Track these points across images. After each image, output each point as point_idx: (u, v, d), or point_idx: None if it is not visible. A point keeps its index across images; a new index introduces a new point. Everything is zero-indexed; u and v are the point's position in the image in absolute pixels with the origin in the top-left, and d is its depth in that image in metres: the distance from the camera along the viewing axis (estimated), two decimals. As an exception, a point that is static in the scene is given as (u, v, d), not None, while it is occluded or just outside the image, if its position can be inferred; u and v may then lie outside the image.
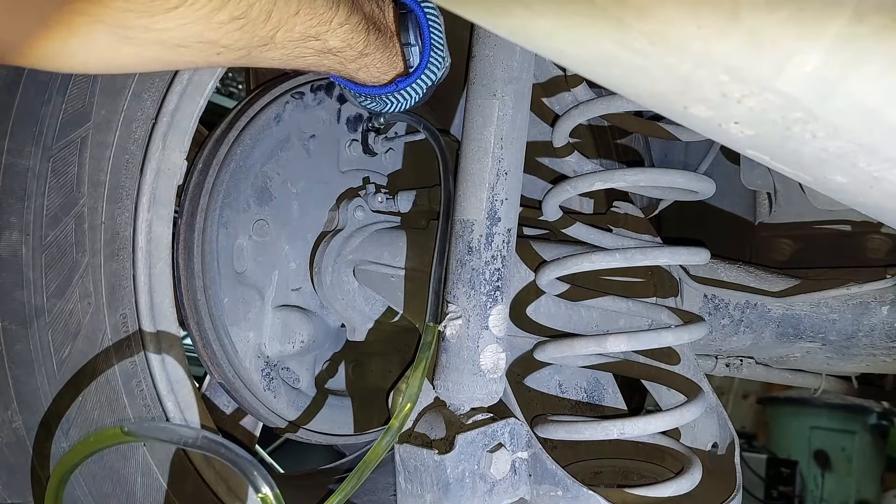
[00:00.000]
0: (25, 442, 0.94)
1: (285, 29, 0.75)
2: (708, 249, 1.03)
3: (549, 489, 0.89)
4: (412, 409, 0.88)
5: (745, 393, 4.08)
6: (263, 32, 0.73)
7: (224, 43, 0.70)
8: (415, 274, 1.13)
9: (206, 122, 1.14)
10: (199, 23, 0.66)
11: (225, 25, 0.68)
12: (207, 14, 0.65)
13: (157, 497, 1.03)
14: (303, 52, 0.80)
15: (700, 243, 1.05)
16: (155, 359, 1.02)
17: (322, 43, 0.81)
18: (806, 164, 0.59)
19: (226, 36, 0.69)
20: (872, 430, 3.63)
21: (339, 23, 0.80)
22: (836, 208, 1.45)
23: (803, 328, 1.26)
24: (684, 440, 1.08)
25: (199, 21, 0.66)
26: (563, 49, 0.52)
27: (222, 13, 0.66)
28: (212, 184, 1.12)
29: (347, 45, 0.83)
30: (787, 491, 3.54)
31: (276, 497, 0.71)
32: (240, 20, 0.69)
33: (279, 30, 0.74)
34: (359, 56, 0.86)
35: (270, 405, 1.21)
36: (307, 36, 0.78)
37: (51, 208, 0.93)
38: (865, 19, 0.42)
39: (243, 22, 0.69)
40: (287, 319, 1.22)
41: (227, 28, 0.68)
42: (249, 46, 0.73)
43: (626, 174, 1.03)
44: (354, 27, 0.83)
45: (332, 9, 0.78)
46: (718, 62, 0.47)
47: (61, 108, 0.92)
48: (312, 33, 0.78)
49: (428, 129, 1.09)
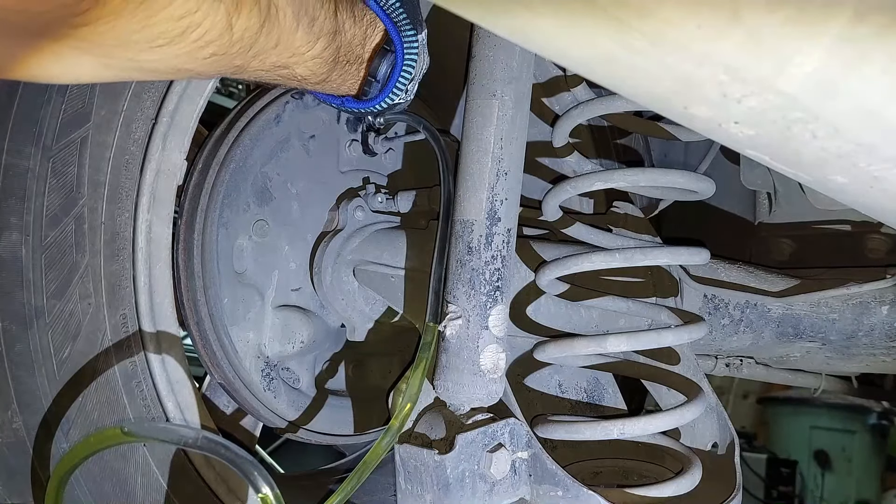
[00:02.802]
0: (25, 442, 0.94)
1: (261, 59, 0.77)
2: (708, 249, 1.03)
3: (549, 489, 0.89)
4: (412, 409, 0.88)
5: (745, 393, 4.08)
6: (239, 62, 0.74)
7: (199, 71, 0.72)
8: (415, 274, 1.13)
9: (206, 122, 1.14)
10: (180, 58, 0.68)
11: (205, 60, 0.70)
12: (190, 52, 0.67)
13: (157, 497, 1.02)
14: (272, 77, 0.83)
15: (700, 243, 1.05)
16: (155, 359, 1.02)
17: (290, 71, 0.83)
18: (806, 164, 0.59)
19: (202, 67, 0.71)
20: (872, 430, 3.63)
21: (311, 56, 0.82)
22: (836, 208, 1.45)
23: (803, 328, 1.26)
24: (684, 440, 1.08)
25: (181, 57, 0.67)
26: (564, 49, 0.52)
27: (205, 51, 0.68)
28: (212, 184, 1.12)
29: (312, 73, 0.85)
30: (787, 491, 3.54)
31: (276, 497, 0.71)
32: (219, 56, 0.70)
33: (255, 60, 0.76)
34: (319, 83, 0.89)
35: (270, 405, 1.21)
36: (278, 66, 0.80)
37: (51, 209, 0.93)
38: (866, 19, 0.42)
39: (222, 56, 0.71)
40: (287, 320, 1.22)
41: (206, 61, 0.70)
42: (222, 73, 0.76)
43: (626, 174, 1.03)
44: (325, 60, 0.85)
45: (309, 43, 0.80)
46: (719, 62, 0.47)
47: (61, 109, 0.92)
48: (283, 63, 0.80)
49: (428, 129, 1.09)
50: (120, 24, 0.60)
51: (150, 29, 0.62)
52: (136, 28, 0.61)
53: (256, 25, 0.71)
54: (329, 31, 0.82)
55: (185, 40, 0.65)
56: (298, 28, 0.77)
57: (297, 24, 0.76)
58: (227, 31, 0.68)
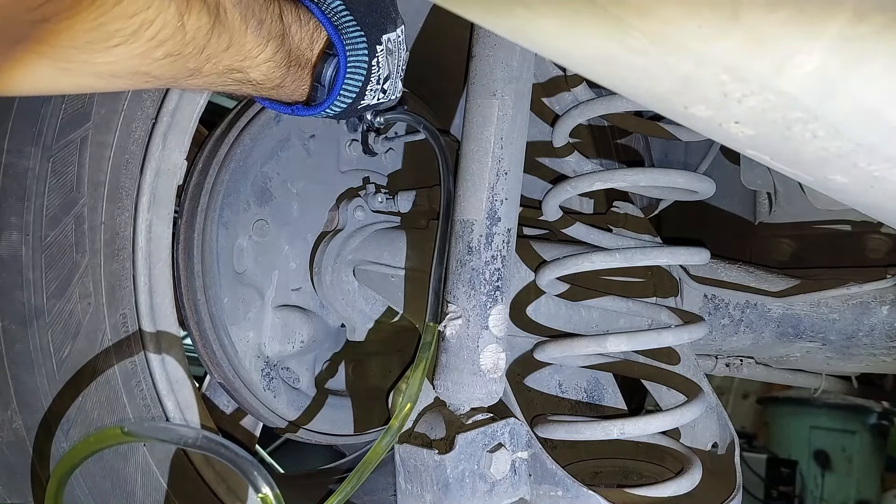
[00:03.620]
0: (25, 442, 0.94)
1: (214, 62, 0.78)
2: (708, 249, 1.03)
3: (549, 489, 0.89)
4: (412, 409, 0.88)
5: (745, 393, 4.08)
6: (193, 65, 0.76)
7: (155, 74, 0.74)
8: (415, 274, 1.13)
9: (206, 122, 1.14)
10: (135, 59, 0.70)
11: (160, 60, 0.72)
12: (145, 52, 0.69)
13: (157, 497, 1.02)
14: (225, 82, 0.84)
15: (700, 243, 1.05)
16: (155, 359, 1.02)
17: (244, 75, 0.84)
18: (806, 163, 0.59)
19: (158, 69, 0.73)
20: (872, 430, 3.63)
21: (263, 59, 0.84)
22: (836, 208, 1.45)
23: (803, 328, 1.26)
24: (684, 440, 1.08)
25: (136, 57, 0.69)
26: (564, 48, 0.52)
27: (159, 51, 0.70)
28: (212, 184, 1.12)
29: (267, 78, 0.87)
30: (787, 491, 3.54)
31: (276, 497, 0.71)
32: (173, 56, 0.72)
33: (208, 63, 0.78)
34: (274, 88, 0.90)
35: (270, 405, 1.21)
36: (232, 69, 0.82)
37: (51, 208, 0.93)
38: (866, 19, 0.42)
39: (177, 57, 0.73)
40: (287, 319, 1.22)
41: (161, 63, 0.72)
42: (177, 76, 0.77)
43: (626, 174, 1.03)
44: (277, 64, 0.86)
45: (259, 45, 0.82)
46: (719, 62, 0.47)
47: (61, 108, 0.92)
48: (237, 66, 0.82)
49: (428, 129, 1.09)
50: (75, 23, 0.62)
51: (105, 27, 0.63)
52: (92, 26, 0.63)
53: (207, 26, 0.73)
54: (277, 34, 0.84)
55: (140, 39, 0.67)
56: (248, 31, 0.79)
57: (246, 27, 0.79)
58: (180, 30, 0.70)
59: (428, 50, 1.27)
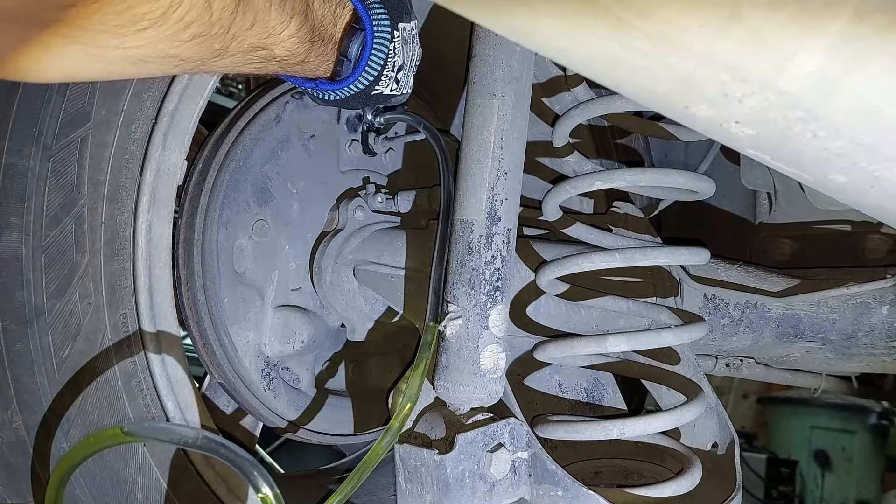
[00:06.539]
0: (25, 442, 0.94)
1: (239, 41, 0.79)
2: (708, 249, 1.03)
3: (549, 489, 0.89)
4: (412, 409, 0.88)
5: (745, 393, 4.08)
6: (219, 45, 0.77)
7: (183, 56, 0.74)
8: (415, 274, 1.13)
9: (206, 122, 1.14)
10: (164, 41, 0.70)
11: (187, 42, 0.72)
12: (174, 33, 0.70)
13: (157, 497, 1.02)
14: (251, 60, 0.84)
15: (700, 243, 1.05)
16: (155, 359, 1.02)
17: (268, 52, 0.84)
18: (806, 163, 0.59)
19: (186, 51, 0.73)
20: (872, 430, 3.63)
21: (287, 35, 0.84)
22: (836, 208, 1.45)
23: (803, 328, 1.26)
24: (684, 440, 1.08)
25: (165, 40, 0.70)
26: (564, 48, 0.52)
27: (187, 32, 0.70)
28: (212, 184, 1.12)
29: (291, 54, 0.87)
30: (787, 491, 3.55)
31: (276, 497, 0.71)
32: (201, 37, 0.73)
33: (234, 41, 0.78)
34: (298, 63, 0.90)
35: (270, 405, 1.21)
36: (256, 47, 0.82)
37: (51, 209, 0.93)
38: (867, 19, 0.42)
39: (204, 38, 0.73)
40: (287, 319, 1.22)
41: (188, 44, 0.73)
42: (204, 58, 0.77)
43: (626, 174, 1.03)
44: (301, 39, 0.86)
45: (283, 22, 0.82)
46: (720, 61, 0.47)
47: (61, 109, 0.92)
48: (261, 44, 0.82)
49: (428, 129, 1.09)
50: (104, 6, 0.62)
51: (133, 10, 0.64)
52: (120, 9, 0.63)
53: (232, 5, 0.73)
54: (301, 10, 0.84)
55: (168, 21, 0.67)
56: (271, 7, 0.79)
57: (269, 4, 0.79)
58: (207, 10, 0.70)
59: (428, 49, 1.27)
